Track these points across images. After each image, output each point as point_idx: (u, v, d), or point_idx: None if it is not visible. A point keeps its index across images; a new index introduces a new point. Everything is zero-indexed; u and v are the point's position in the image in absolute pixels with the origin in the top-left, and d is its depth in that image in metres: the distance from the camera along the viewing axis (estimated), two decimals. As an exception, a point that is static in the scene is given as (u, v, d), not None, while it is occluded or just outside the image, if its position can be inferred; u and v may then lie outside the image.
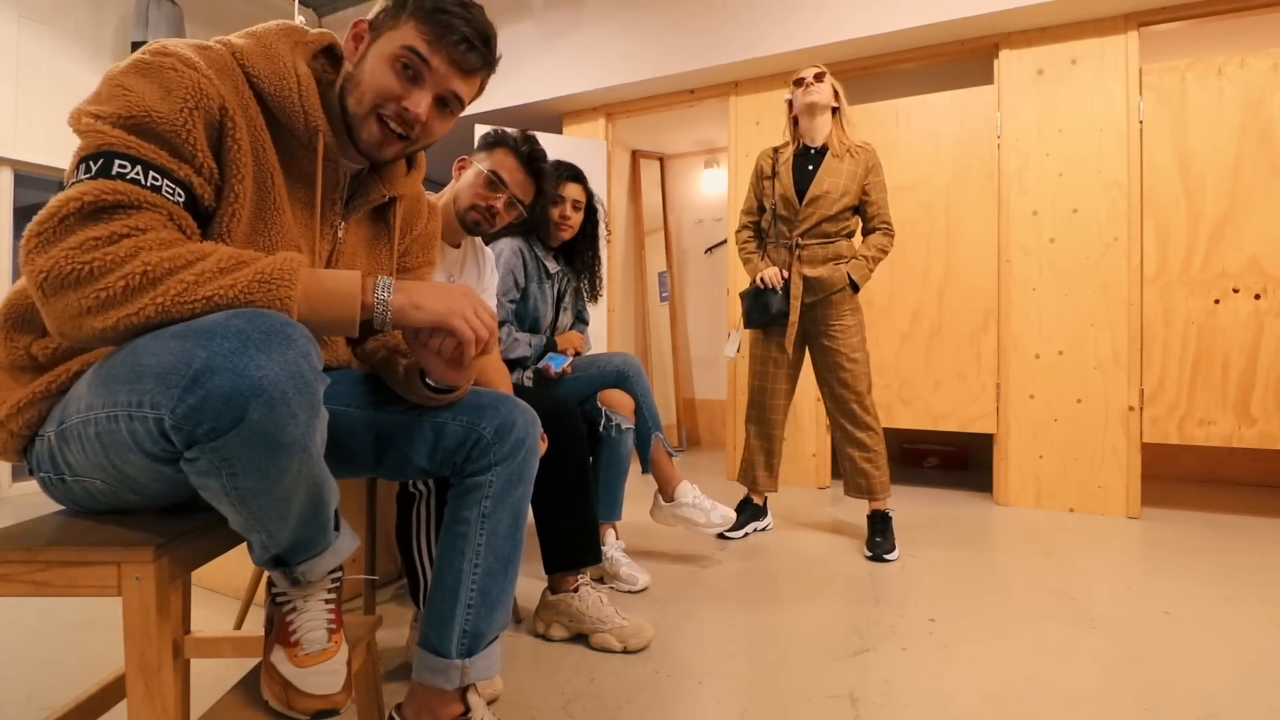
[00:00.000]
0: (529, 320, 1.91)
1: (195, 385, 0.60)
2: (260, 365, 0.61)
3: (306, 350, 0.65)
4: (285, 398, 0.62)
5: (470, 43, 0.88)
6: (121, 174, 0.67)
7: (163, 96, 0.72)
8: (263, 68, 0.82)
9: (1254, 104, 2.52)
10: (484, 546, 0.96)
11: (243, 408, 0.60)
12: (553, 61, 3.68)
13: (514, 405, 1.00)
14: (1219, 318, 2.56)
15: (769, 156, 2.36)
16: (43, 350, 0.77)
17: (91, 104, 0.71)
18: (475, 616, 0.96)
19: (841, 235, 2.26)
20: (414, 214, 1.09)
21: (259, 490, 0.66)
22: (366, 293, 0.77)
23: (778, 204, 2.29)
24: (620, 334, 4.15)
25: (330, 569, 0.81)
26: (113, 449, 0.68)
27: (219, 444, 0.61)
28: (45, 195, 4.10)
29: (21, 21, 3.07)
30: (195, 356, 0.60)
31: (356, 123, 0.88)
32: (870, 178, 2.25)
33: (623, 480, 1.92)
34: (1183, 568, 2.02)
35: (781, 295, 2.24)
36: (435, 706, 0.97)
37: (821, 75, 2.23)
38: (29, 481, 3.17)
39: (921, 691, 1.29)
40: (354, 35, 0.89)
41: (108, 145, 0.68)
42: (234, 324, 0.62)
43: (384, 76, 0.86)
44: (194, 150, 0.73)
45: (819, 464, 3.21)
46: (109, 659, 1.44)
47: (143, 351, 0.64)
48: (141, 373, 0.63)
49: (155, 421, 0.62)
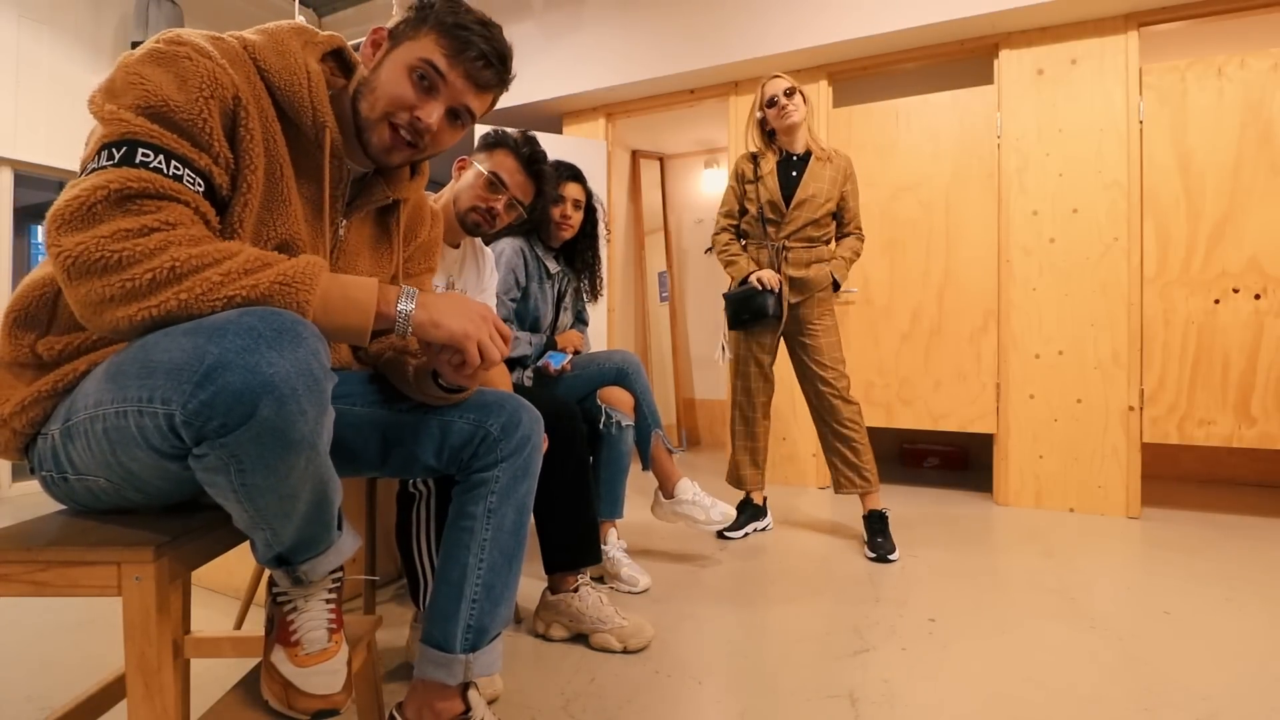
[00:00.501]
0: (529, 320, 1.91)
1: (207, 381, 0.60)
2: (271, 362, 0.61)
3: (316, 348, 0.66)
4: (295, 395, 0.63)
5: (487, 59, 0.89)
6: (145, 163, 0.68)
7: (179, 86, 0.72)
8: (274, 62, 0.82)
9: (1254, 104, 2.52)
10: (489, 542, 0.97)
11: (253, 404, 0.61)
12: (553, 61, 3.68)
13: (519, 403, 1.01)
14: (1219, 318, 2.56)
15: (748, 161, 2.37)
16: (48, 349, 0.77)
17: (109, 91, 0.72)
18: (480, 611, 0.96)
19: (822, 240, 2.33)
20: (417, 220, 1.10)
21: (266, 487, 0.67)
22: (387, 303, 0.78)
23: (764, 208, 2.31)
24: (620, 334, 4.15)
25: (332, 568, 0.82)
26: (120, 445, 0.68)
27: (229, 440, 0.62)
28: (46, 195, 4.11)
29: (21, 21, 3.07)
30: (207, 353, 0.61)
31: (368, 127, 0.88)
32: (848, 185, 2.32)
33: (623, 478, 1.92)
34: (1183, 568, 2.02)
35: (776, 297, 2.26)
36: (437, 703, 0.97)
37: (792, 91, 2.24)
38: (29, 481, 3.17)
39: (921, 691, 1.29)
40: (372, 42, 0.90)
41: (131, 133, 0.68)
42: (245, 321, 0.63)
43: (400, 85, 0.87)
44: (211, 139, 0.74)
45: (819, 464, 3.21)
46: (109, 659, 1.44)
47: (154, 348, 0.64)
48: (153, 369, 0.63)
49: (166, 417, 0.62)
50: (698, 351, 4.74)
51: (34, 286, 0.78)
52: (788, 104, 2.23)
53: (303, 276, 0.72)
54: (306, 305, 0.71)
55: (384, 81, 0.88)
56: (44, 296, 0.77)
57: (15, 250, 3.17)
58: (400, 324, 0.79)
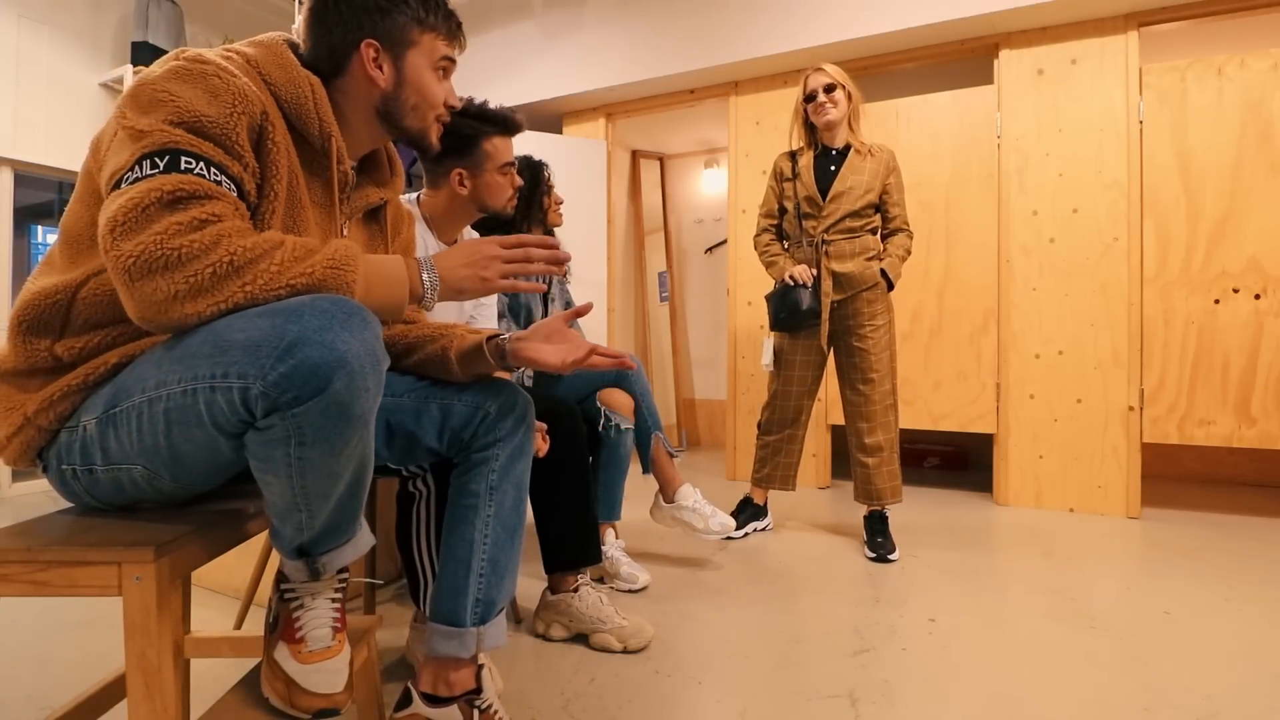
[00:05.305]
0: (521, 314, 1.93)
1: (288, 355, 0.65)
2: (345, 341, 0.67)
3: (378, 331, 0.73)
4: (363, 371, 0.69)
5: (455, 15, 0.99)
6: (189, 169, 0.72)
7: (210, 101, 0.75)
8: (278, 75, 0.85)
9: (1254, 104, 2.52)
10: (493, 517, 1.03)
11: (328, 378, 0.66)
12: (553, 61, 3.68)
13: (513, 387, 1.08)
14: (1219, 318, 2.57)
15: (787, 159, 2.34)
16: (68, 351, 0.78)
17: (136, 107, 0.74)
18: (487, 585, 1.02)
19: (866, 230, 2.24)
20: (399, 219, 1.15)
21: (319, 461, 0.71)
22: (415, 279, 0.86)
23: (801, 204, 2.27)
24: (620, 334, 4.15)
25: (347, 562, 0.84)
26: (179, 425, 0.71)
27: (300, 410, 0.67)
28: (46, 195, 4.11)
29: (21, 21, 3.07)
30: (287, 330, 0.66)
31: (421, 134, 0.98)
32: (891, 178, 2.25)
33: (622, 480, 1.92)
34: (1183, 568, 2.02)
35: (811, 292, 2.19)
36: (451, 674, 1.01)
37: (832, 87, 2.19)
38: (29, 481, 3.17)
39: (921, 691, 1.29)
40: (373, 61, 0.92)
41: (173, 142, 0.72)
42: (319, 304, 0.69)
43: (435, 88, 0.97)
44: (241, 150, 0.78)
45: (819, 464, 3.21)
46: (109, 659, 1.44)
47: (227, 329, 0.69)
48: (227, 347, 0.67)
49: (241, 391, 0.66)
50: (698, 352, 4.74)
51: (42, 295, 0.78)
52: (826, 100, 2.20)
53: (346, 259, 0.77)
54: (354, 285, 0.77)
55: (418, 91, 0.95)
56: (56, 303, 0.78)
57: (15, 250, 3.17)
58: (429, 295, 0.87)
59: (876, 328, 2.21)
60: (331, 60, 0.92)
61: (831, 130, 2.24)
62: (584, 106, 3.83)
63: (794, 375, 2.33)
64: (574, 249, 2.52)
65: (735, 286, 3.43)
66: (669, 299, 4.69)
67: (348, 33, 0.91)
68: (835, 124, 2.22)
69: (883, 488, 2.21)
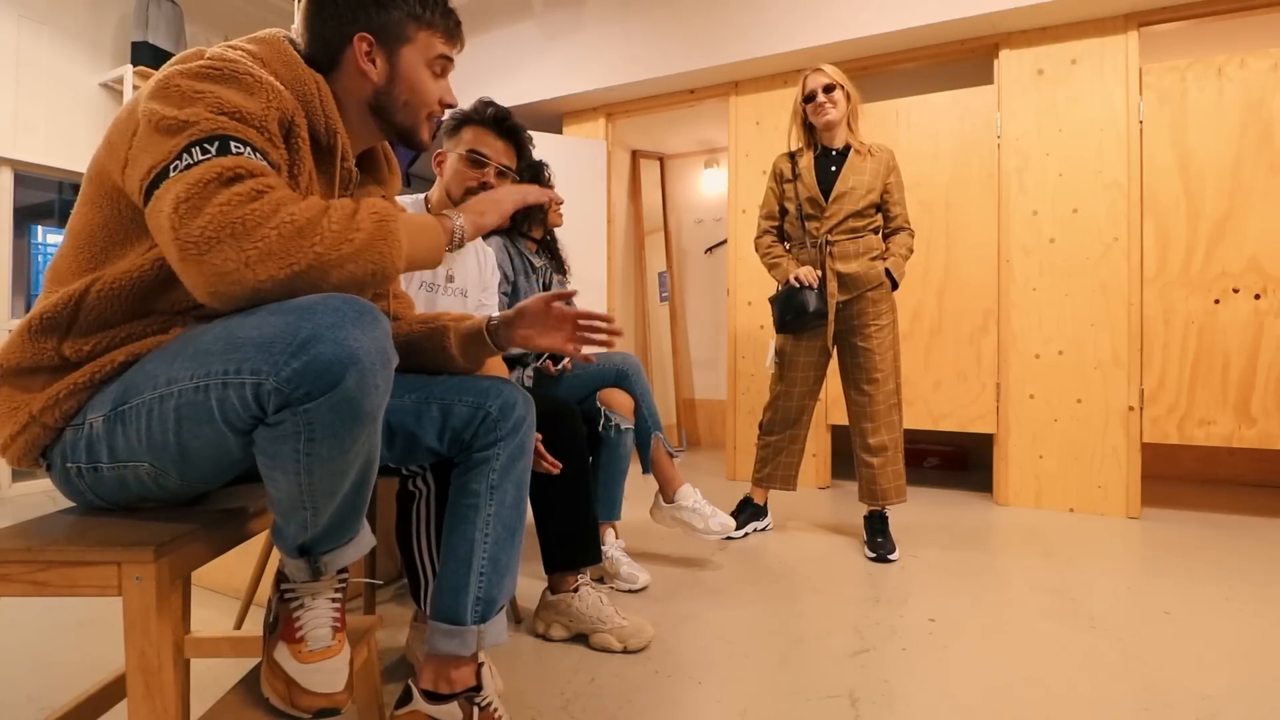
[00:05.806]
0: None
1: (301, 351, 0.66)
2: (356, 338, 0.68)
3: (388, 330, 0.74)
4: (374, 369, 0.70)
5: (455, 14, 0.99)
6: (239, 152, 0.73)
7: (245, 97, 0.77)
8: (285, 74, 0.86)
9: (1254, 104, 2.52)
10: (493, 516, 1.03)
11: (340, 374, 0.67)
12: (553, 61, 3.68)
13: (512, 386, 1.08)
14: (1219, 318, 2.57)
15: (787, 160, 2.34)
16: (75, 350, 0.79)
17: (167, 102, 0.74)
18: (488, 583, 1.03)
19: (868, 230, 2.24)
20: None
21: (327, 458, 0.71)
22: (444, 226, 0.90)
23: (803, 205, 2.27)
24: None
25: (348, 562, 0.84)
26: (189, 421, 0.71)
27: (312, 406, 0.67)
28: (46, 195, 4.11)
29: (21, 21, 3.07)
30: (301, 327, 0.67)
31: (412, 130, 0.98)
32: (891, 178, 2.25)
33: (622, 480, 1.92)
34: (1183, 568, 2.02)
35: (817, 293, 2.19)
36: (452, 671, 1.02)
37: (831, 88, 2.19)
38: (29, 481, 3.17)
39: (921, 691, 1.29)
40: (366, 55, 0.92)
41: (221, 129, 0.73)
42: (332, 302, 0.69)
43: (430, 85, 0.97)
44: (275, 141, 0.80)
45: (819, 464, 3.21)
46: (109, 659, 1.44)
47: (239, 326, 0.70)
48: (240, 344, 0.68)
49: (253, 387, 0.67)
50: (698, 352, 4.74)
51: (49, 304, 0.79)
52: (825, 101, 2.19)
53: (386, 211, 0.79)
54: (399, 234, 0.80)
55: (411, 87, 0.95)
56: (65, 307, 0.78)
57: (15, 250, 3.17)
58: (458, 235, 0.91)
59: (881, 328, 2.21)
60: (326, 54, 0.92)
61: (831, 131, 2.24)
62: (584, 106, 3.83)
63: (797, 376, 2.33)
64: (574, 249, 2.52)
65: (735, 286, 3.43)
66: (669, 299, 4.69)
67: (342, 25, 0.91)
68: (835, 124, 2.22)
69: (888, 488, 2.21)
